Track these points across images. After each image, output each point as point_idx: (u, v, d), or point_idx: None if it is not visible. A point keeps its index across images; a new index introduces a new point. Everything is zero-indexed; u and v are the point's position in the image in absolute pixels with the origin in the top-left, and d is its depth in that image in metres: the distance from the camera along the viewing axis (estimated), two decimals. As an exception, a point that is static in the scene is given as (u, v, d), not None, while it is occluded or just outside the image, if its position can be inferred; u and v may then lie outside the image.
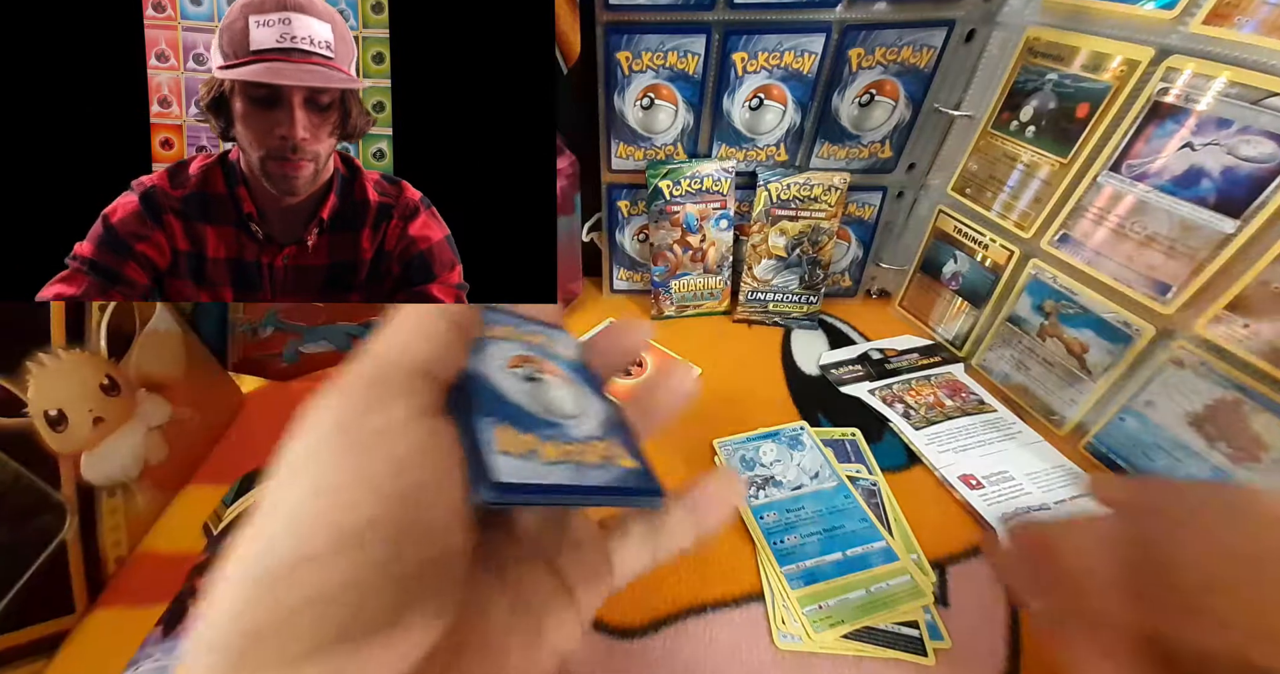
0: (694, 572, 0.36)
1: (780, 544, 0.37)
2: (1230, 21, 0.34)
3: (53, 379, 0.33)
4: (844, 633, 0.33)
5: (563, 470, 0.18)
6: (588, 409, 0.21)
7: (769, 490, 0.41)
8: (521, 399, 0.20)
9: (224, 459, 0.44)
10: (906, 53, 0.48)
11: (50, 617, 0.32)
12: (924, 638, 0.33)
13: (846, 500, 0.40)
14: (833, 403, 0.49)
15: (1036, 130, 0.45)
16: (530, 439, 0.19)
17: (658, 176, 0.53)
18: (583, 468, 0.19)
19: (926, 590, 0.35)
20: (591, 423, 0.21)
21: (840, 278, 0.62)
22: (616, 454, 0.20)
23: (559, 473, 0.18)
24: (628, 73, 0.49)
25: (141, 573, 0.36)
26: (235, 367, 0.48)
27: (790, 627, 0.33)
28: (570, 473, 0.18)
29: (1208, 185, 0.35)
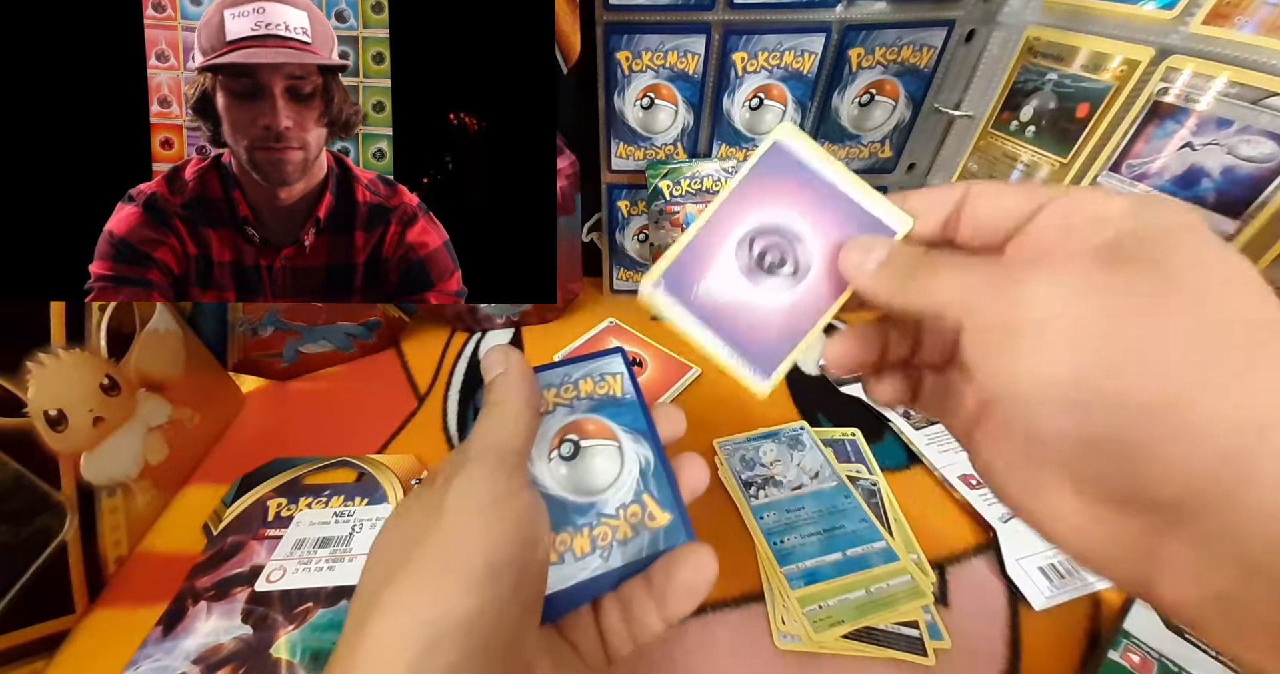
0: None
1: (780, 544, 0.37)
2: (1230, 21, 0.34)
3: (53, 379, 0.33)
4: (844, 633, 0.33)
5: (592, 561, 0.22)
6: (625, 467, 0.24)
7: (769, 490, 0.41)
8: (561, 490, 0.23)
9: (224, 459, 0.44)
10: (906, 53, 0.48)
11: (50, 617, 0.32)
12: (924, 638, 0.33)
13: (846, 500, 0.40)
14: (833, 403, 0.49)
15: (1036, 130, 0.45)
16: (564, 537, 0.22)
17: (658, 176, 0.53)
18: (612, 550, 0.22)
19: (926, 590, 0.35)
20: (627, 484, 0.24)
21: (840, 278, 0.62)
22: (647, 515, 0.23)
23: (590, 566, 0.22)
24: (628, 73, 0.49)
25: (141, 573, 0.36)
26: (235, 367, 0.48)
27: (790, 627, 0.33)
28: (599, 561, 0.22)
29: (1208, 185, 0.35)
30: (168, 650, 0.31)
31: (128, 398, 0.37)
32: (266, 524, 0.38)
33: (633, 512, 0.23)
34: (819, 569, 0.36)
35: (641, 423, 0.25)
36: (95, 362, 0.36)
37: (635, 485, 0.24)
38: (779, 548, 0.37)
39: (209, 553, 0.36)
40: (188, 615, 0.33)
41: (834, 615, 0.33)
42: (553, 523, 0.22)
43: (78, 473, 0.34)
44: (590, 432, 0.25)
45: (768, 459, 0.43)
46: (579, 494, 0.23)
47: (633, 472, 0.24)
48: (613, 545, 0.22)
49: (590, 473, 0.24)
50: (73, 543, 0.33)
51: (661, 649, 0.32)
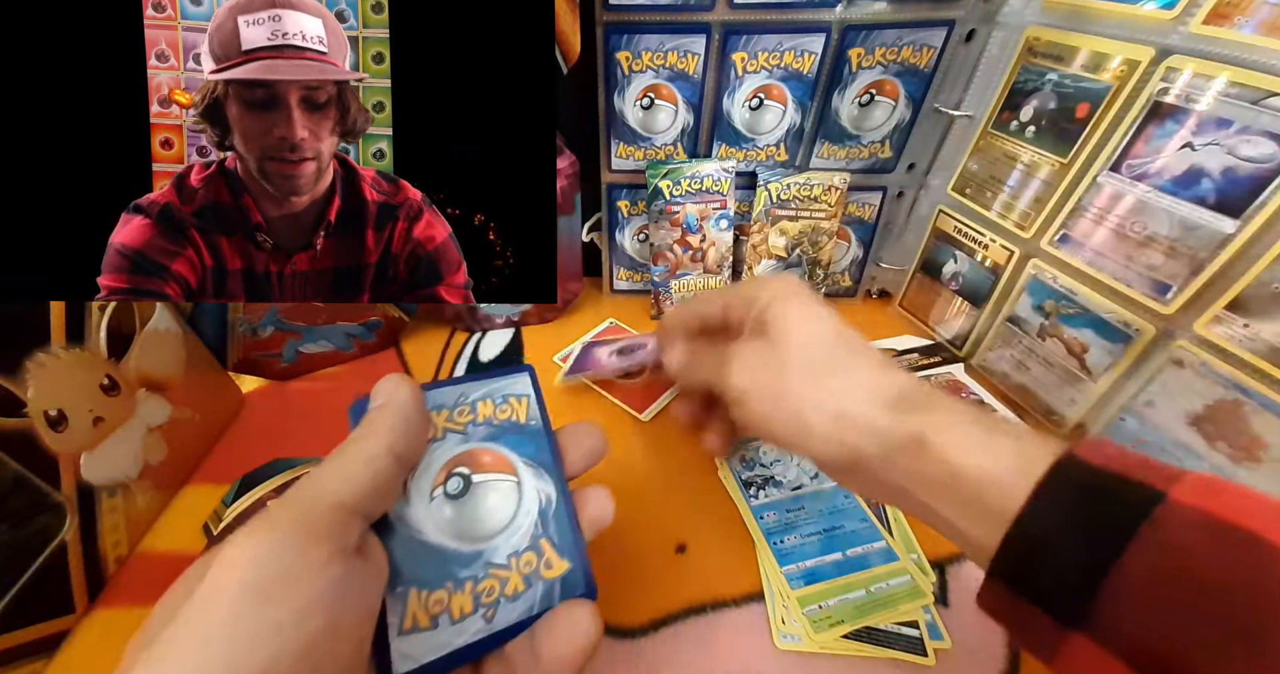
0: (694, 571, 0.36)
1: (780, 544, 0.37)
2: (1230, 21, 0.34)
3: (53, 379, 0.33)
4: (844, 633, 0.33)
5: (473, 623, 0.19)
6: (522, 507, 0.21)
7: (769, 490, 0.41)
8: (442, 535, 0.20)
9: (224, 459, 0.44)
10: (906, 53, 0.48)
11: (50, 617, 0.32)
12: (924, 638, 0.33)
13: (846, 500, 0.40)
14: (833, 403, 0.49)
15: (1036, 130, 0.45)
16: (440, 596, 0.19)
17: (658, 176, 0.53)
18: (498, 607, 0.19)
19: (926, 590, 0.35)
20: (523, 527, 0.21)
21: (840, 278, 0.62)
22: (543, 563, 0.20)
23: (469, 629, 0.19)
24: (628, 73, 0.49)
25: (141, 573, 0.36)
26: (235, 367, 0.48)
27: (790, 627, 0.33)
28: (481, 623, 0.19)
29: (1208, 185, 0.35)
30: (168, 650, 0.31)
31: (128, 398, 0.37)
32: (266, 524, 0.38)
33: (526, 560, 0.20)
34: (819, 569, 0.36)
35: (546, 454, 0.23)
36: (95, 361, 0.36)
37: (532, 528, 0.21)
38: (779, 548, 0.37)
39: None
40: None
41: (834, 615, 0.33)
42: (426, 579, 0.19)
43: (78, 473, 0.34)
44: (485, 464, 0.22)
45: (768, 459, 0.43)
46: (464, 541, 0.20)
47: (530, 512, 0.21)
48: (499, 602, 0.19)
49: (480, 514, 0.21)
50: (73, 543, 0.33)
51: (662, 648, 0.32)
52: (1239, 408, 0.35)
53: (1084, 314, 0.43)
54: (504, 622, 0.19)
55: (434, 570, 0.19)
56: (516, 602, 0.19)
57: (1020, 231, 0.47)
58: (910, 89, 0.50)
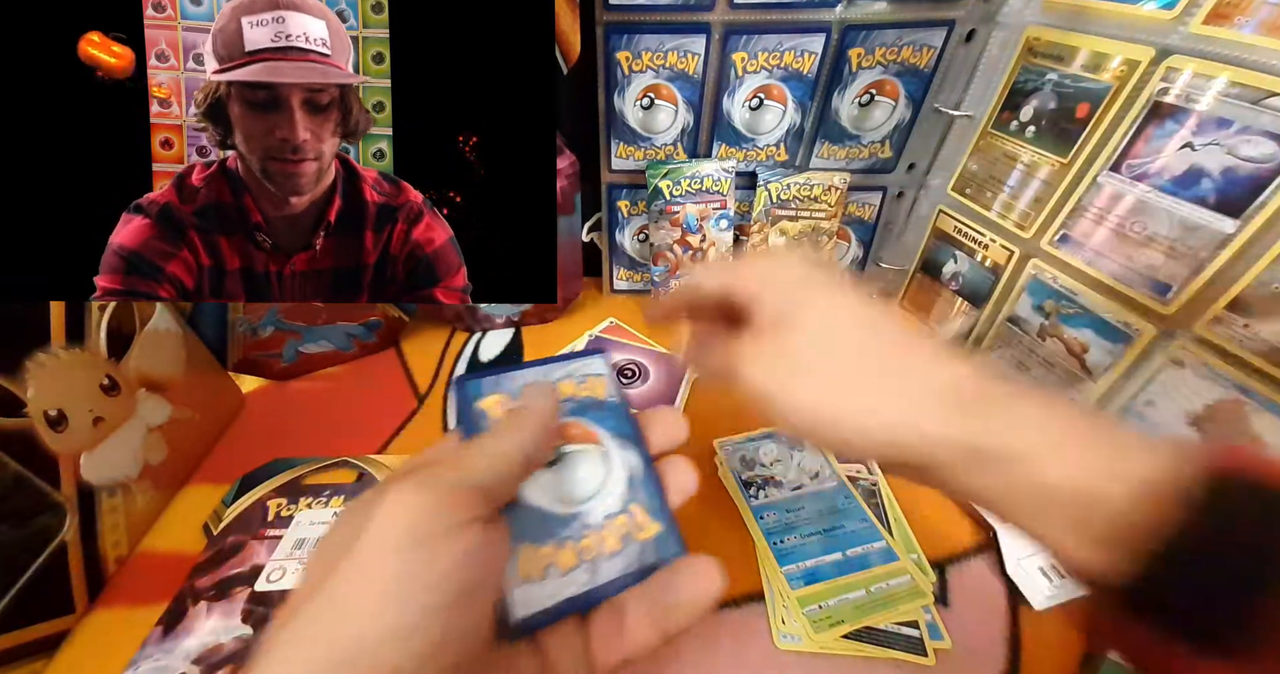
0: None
1: (780, 544, 0.37)
2: (1230, 21, 0.34)
3: (53, 379, 0.33)
4: (844, 633, 0.33)
5: (579, 575, 0.21)
6: (611, 474, 0.23)
7: (769, 490, 0.41)
8: (544, 500, 0.22)
9: (224, 459, 0.44)
10: (906, 53, 0.48)
11: (50, 617, 0.32)
12: (924, 638, 0.33)
13: (846, 501, 0.40)
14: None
15: (1036, 130, 0.45)
16: (548, 551, 0.21)
17: (658, 176, 0.53)
18: (599, 563, 0.21)
19: (926, 590, 0.35)
20: (615, 493, 0.23)
21: (840, 278, 0.62)
22: (635, 525, 0.22)
23: (576, 580, 0.21)
24: (628, 73, 0.49)
25: (141, 573, 0.36)
26: (235, 367, 0.48)
27: (790, 627, 0.33)
28: (585, 576, 0.21)
29: (1208, 185, 0.35)
30: (168, 650, 0.31)
31: (128, 398, 0.37)
32: (267, 524, 0.38)
33: (620, 522, 0.22)
34: (819, 569, 0.36)
35: (627, 427, 0.24)
36: (95, 361, 0.36)
37: (623, 494, 0.22)
38: (779, 548, 0.37)
39: (209, 553, 0.36)
40: (188, 615, 0.33)
41: (834, 615, 0.33)
42: (533, 536, 0.21)
43: (78, 473, 0.34)
44: (574, 436, 0.23)
45: (768, 459, 0.43)
46: (561, 504, 0.22)
47: (620, 479, 0.23)
48: (599, 559, 0.21)
49: (574, 480, 0.22)
50: (73, 543, 0.33)
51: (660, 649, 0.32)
52: (1239, 408, 0.35)
53: (1084, 314, 0.43)
54: (606, 576, 0.21)
55: (537, 530, 0.21)
56: (615, 559, 0.21)
57: (1020, 231, 0.47)
58: (910, 89, 0.50)
